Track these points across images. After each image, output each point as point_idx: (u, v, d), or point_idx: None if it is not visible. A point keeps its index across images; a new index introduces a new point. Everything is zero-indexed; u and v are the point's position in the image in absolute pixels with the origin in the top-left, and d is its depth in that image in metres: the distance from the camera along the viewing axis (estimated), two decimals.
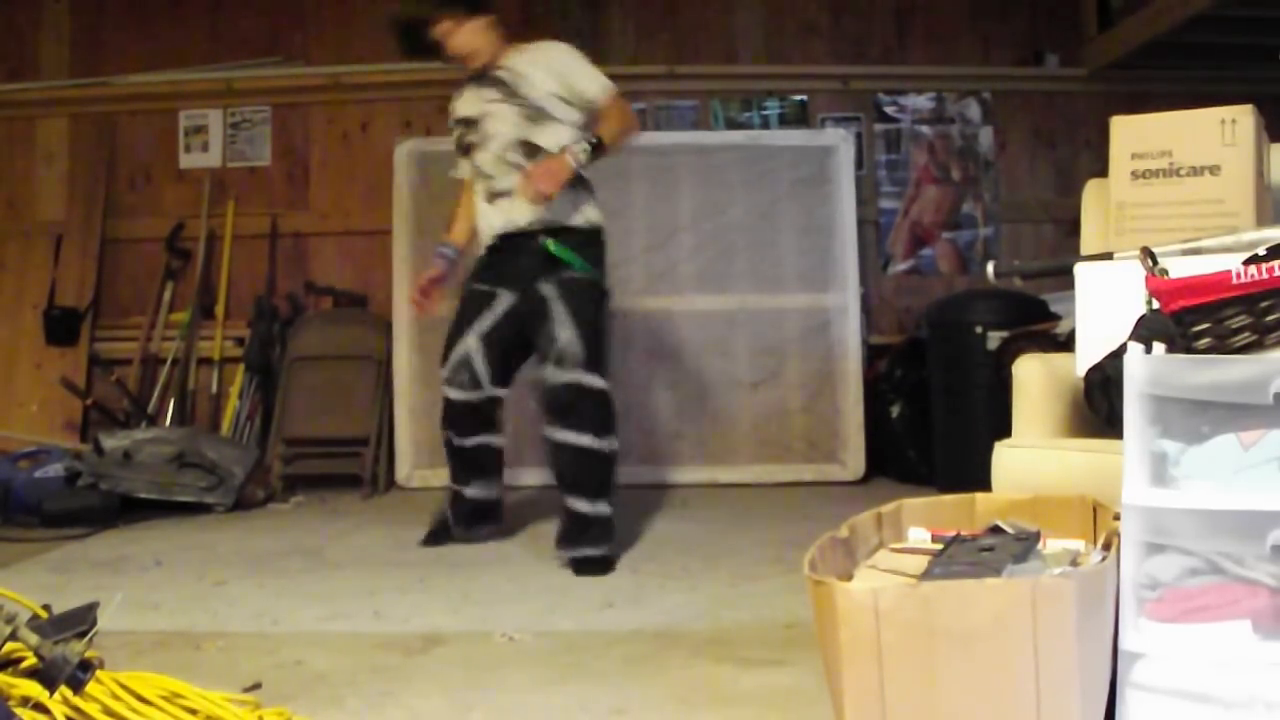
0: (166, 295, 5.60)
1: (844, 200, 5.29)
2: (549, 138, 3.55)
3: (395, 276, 5.36)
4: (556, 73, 3.60)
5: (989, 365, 4.33)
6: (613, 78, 3.67)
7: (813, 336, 5.28)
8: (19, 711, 1.73)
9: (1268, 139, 2.55)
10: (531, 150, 3.56)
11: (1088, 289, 2.38)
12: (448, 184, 5.43)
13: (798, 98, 5.66)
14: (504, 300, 3.63)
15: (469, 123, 3.70)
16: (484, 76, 3.67)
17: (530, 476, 4.83)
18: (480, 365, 3.61)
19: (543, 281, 3.55)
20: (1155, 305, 1.91)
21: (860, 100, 5.68)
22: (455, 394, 3.64)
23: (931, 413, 4.82)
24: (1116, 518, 1.81)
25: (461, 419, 3.68)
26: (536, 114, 3.57)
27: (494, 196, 3.63)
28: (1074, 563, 1.85)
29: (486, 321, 3.63)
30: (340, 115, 5.70)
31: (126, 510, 4.40)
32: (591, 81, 3.60)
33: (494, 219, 3.63)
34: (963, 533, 2.02)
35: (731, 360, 5.26)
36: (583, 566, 3.44)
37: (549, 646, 2.64)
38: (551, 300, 3.53)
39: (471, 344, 3.62)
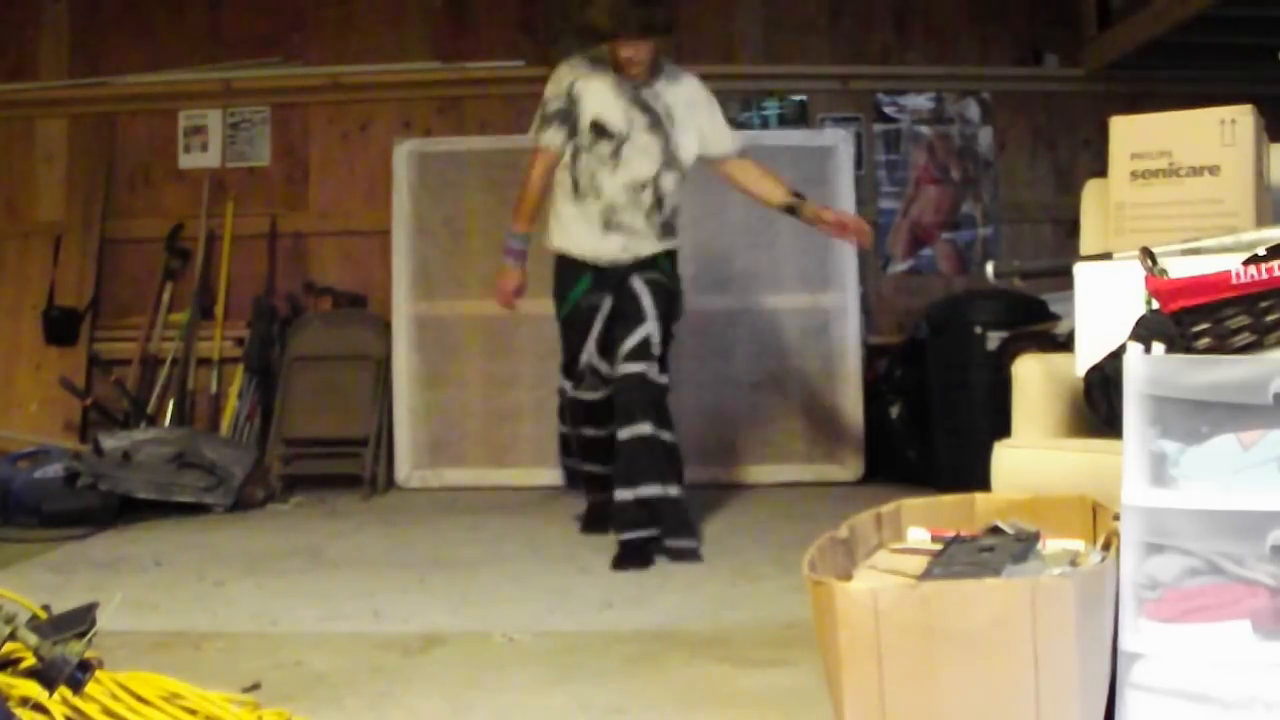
0: (166, 295, 5.59)
1: (843, 200, 5.27)
2: (671, 184, 3.72)
3: (395, 276, 5.35)
4: (698, 125, 3.73)
5: (989, 365, 4.33)
6: None
7: (812, 336, 5.28)
8: (18, 712, 1.73)
9: (1267, 139, 2.55)
10: (657, 194, 3.69)
11: (1087, 289, 2.38)
12: (447, 183, 5.50)
13: (797, 98, 5.66)
14: (606, 303, 3.74)
15: (604, 131, 3.64)
16: (634, 88, 3.66)
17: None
18: (603, 368, 3.76)
19: (634, 278, 3.70)
20: (1155, 305, 1.91)
21: (860, 100, 5.67)
22: (589, 396, 3.82)
23: (931, 413, 4.82)
24: (1116, 518, 1.81)
25: (598, 413, 3.81)
26: (672, 159, 3.69)
27: (613, 226, 3.69)
28: (1073, 563, 1.85)
29: (598, 328, 3.75)
30: (340, 115, 5.69)
31: (126, 510, 4.39)
32: (725, 137, 3.82)
33: (609, 247, 3.70)
34: (962, 533, 2.02)
35: (731, 360, 5.25)
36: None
37: (549, 646, 2.64)
38: (641, 295, 3.69)
39: (592, 350, 3.76)
